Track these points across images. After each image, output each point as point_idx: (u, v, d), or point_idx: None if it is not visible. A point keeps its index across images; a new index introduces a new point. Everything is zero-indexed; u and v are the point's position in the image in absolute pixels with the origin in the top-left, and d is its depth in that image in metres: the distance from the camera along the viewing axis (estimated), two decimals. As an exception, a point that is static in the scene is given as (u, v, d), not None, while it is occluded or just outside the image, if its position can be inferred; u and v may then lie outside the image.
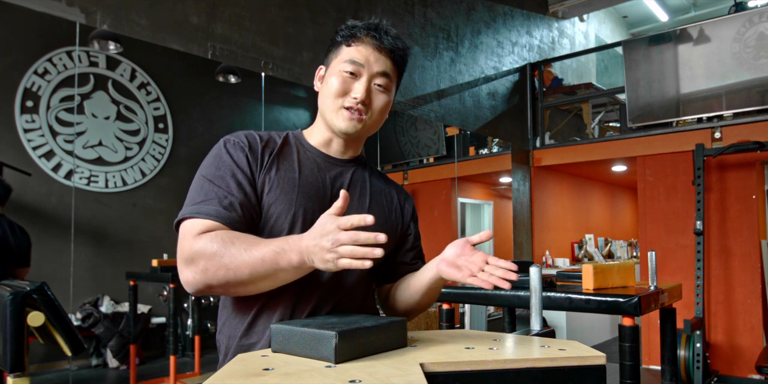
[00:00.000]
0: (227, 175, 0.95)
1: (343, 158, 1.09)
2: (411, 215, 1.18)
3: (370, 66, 1.02)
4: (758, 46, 4.26)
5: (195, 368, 3.21)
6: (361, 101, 1.01)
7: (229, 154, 0.98)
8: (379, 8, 3.77)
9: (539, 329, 1.01)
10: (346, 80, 1.01)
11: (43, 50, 2.62)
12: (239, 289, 0.89)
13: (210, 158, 0.99)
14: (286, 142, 1.06)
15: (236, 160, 0.97)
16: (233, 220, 0.92)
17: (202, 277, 0.88)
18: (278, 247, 0.85)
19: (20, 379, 1.35)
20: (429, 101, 4.18)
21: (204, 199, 0.93)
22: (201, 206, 0.92)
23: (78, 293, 2.63)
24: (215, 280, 0.87)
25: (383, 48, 1.03)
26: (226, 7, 2.81)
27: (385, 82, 1.04)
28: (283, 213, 0.97)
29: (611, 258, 6.80)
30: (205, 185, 0.95)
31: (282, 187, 0.98)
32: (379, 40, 1.02)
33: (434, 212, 4.95)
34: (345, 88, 1.01)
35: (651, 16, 9.01)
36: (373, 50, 1.02)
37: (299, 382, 0.62)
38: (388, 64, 1.04)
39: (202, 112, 3.34)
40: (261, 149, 1.01)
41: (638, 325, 1.87)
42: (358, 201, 1.07)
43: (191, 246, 0.88)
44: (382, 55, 1.03)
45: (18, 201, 2.49)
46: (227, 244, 0.86)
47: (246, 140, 1.01)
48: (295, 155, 1.04)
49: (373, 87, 1.03)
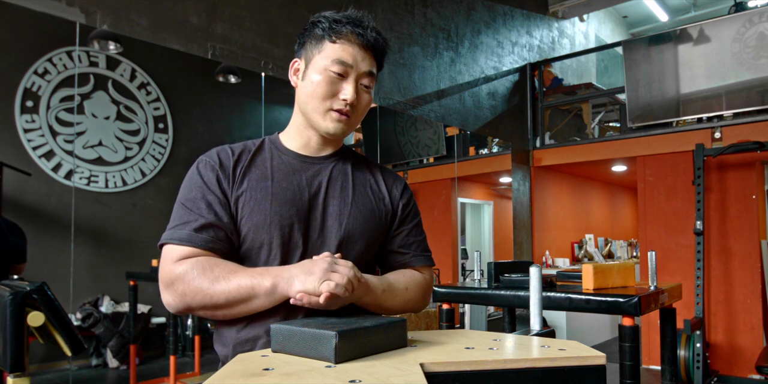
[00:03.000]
0: (198, 197, 0.98)
1: (321, 155, 1.08)
2: (399, 197, 1.12)
3: (358, 66, 1.00)
4: (758, 46, 4.26)
5: (195, 368, 3.21)
6: (350, 104, 1.00)
7: (200, 175, 1.00)
8: (379, 8, 3.77)
9: (539, 329, 1.01)
10: (333, 81, 0.99)
11: (43, 50, 2.62)
12: (217, 312, 0.93)
13: (185, 181, 1.02)
14: (260, 149, 1.06)
15: (206, 181, 0.99)
16: (206, 241, 0.94)
17: (181, 300, 0.92)
18: (256, 274, 0.90)
19: (20, 379, 1.35)
20: (429, 101, 4.18)
21: (178, 224, 0.96)
22: (174, 231, 0.95)
23: (78, 293, 2.63)
24: (194, 303, 0.91)
25: (368, 45, 1.00)
26: (226, 7, 2.81)
27: (370, 82, 1.03)
28: (260, 224, 0.98)
29: (611, 258, 6.80)
30: (179, 210, 0.98)
31: (255, 198, 0.99)
32: (363, 37, 0.99)
33: (434, 212, 4.95)
34: (332, 89, 0.99)
35: (651, 16, 9.01)
36: (359, 49, 0.99)
37: (299, 382, 0.62)
38: (373, 62, 1.02)
39: (202, 112, 3.33)
40: (233, 164, 1.01)
41: (638, 325, 1.87)
42: (340, 196, 1.05)
43: (171, 271, 0.92)
44: (367, 54, 1.01)
45: (18, 201, 2.49)
46: (206, 271, 0.90)
47: (217, 158, 1.02)
48: (268, 162, 1.04)
49: (359, 87, 1.01)
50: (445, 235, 4.90)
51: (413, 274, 1.10)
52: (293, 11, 3.11)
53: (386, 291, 1.01)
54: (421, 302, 1.09)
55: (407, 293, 1.05)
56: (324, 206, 1.03)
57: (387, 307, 1.03)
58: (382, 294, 1.00)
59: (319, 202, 1.03)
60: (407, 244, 1.12)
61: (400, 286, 1.04)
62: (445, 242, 4.91)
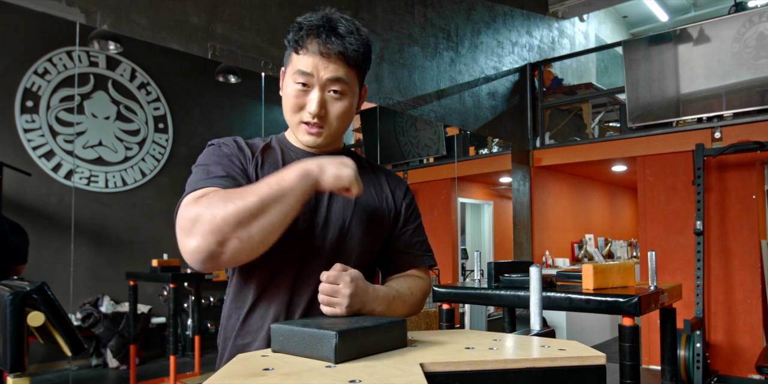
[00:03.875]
0: (222, 160, 0.97)
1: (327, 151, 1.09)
2: (403, 198, 1.13)
3: (319, 74, 0.95)
4: (758, 46, 4.26)
5: (195, 368, 3.21)
6: (315, 115, 0.98)
7: (219, 148, 1.00)
8: (379, 8, 3.77)
9: (539, 329, 1.01)
10: (299, 94, 0.97)
11: (43, 50, 2.62)
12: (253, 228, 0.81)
13: (201, 157, 1.01)
14: (269, 145, 1.07)
15: (227, 153, 0.99)
16: (232, 185, 0.91)
17: (210, 229, 0.79)
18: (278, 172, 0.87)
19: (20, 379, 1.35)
20: (429, 101, 4.18)
21: (199, 179, 0.92)
22: (197, 183, 0.91)
23: (78, 293, 2.63)
24: (225, 225, 0.79)
25: (331, 53, 0.94)
26: (226, 7, 2.81)
27: (341, 88, 0.97)
28: None
29: (611, 258, 6.80)
30: (198, 171, 0.95)
31: None
32: (325, 45, 0.94)
33: (434, 212, 4.95)
34: (299, 102, 0.98)
35: (651, 16, 9.01)
36: (321, 58, 0.94)
37: (299, 382, 0.62)
38: (340, 68, 0.96)
39: (202, 112, 3.34)
40: (251, 151, 1.02)
41: (638, 325, 1.87)
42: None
43: (190, 210, 0.83)
44: (330, 61, 0.95)
45: (18, 201, 2.49)
46: (228, 193, 0.85)
47: (234, 142, 1.03)
48: (279, 156, 1.05)
49: (328, 96, 0.98)
50: (445, 235, 4.90)
51: (414, 278, 1.11)
52: (293, 11, 3.11)
53: (396, 298, 1.01)
54: (422, 304, 1.12)
55: (413, 298, 1.07)
56: (329, 202, 1.03)
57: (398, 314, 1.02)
58: (393, 301, 1.00)
59: (324, 197, 1.03)
60: (412, 243, 1.13)
61: (406, 292, 1.05)
62: (445, 242, 4.91)
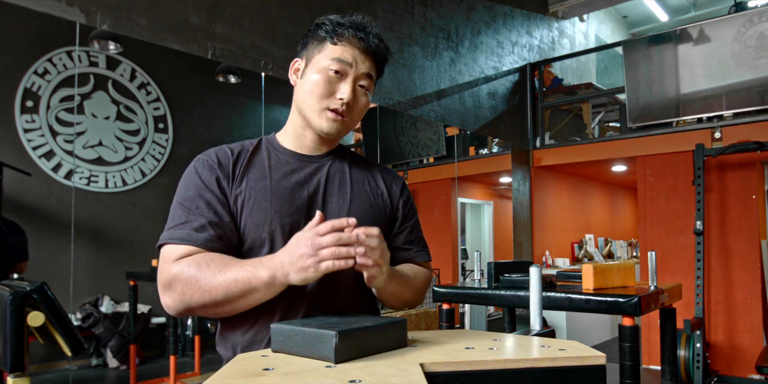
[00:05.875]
0: (196, 196, 0.97)
1: (317, 154, 1.09)
2: (399, 195, 1.15)
3: (357, 66, 1.01)
4: (758, 46, 4.26)
5: (195, 368, 3.21)
6: (346, 103, 1.01)
7: (198, 174, 1.00)
8: (379, 8, 3.77)
9: (539, 329, 1.01)
10: (331, 80, 1.00)
11: (43, 50, 2.62)
12: (217, 309, 0.91)
13: (182, 180, 1.02)
14: (257, 148, 1.06)
15: (204, 180, 0.99)
16: (206, 240, 0.93)
17: (180, 300, 0.90)
18: (251, 266, 0.88)
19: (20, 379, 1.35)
20: (429, 101, 4.18)
21: (176, 224, 0.95)
22: (174, 231, 0.94)
23: (78, 293, 2.63)
24: (193, 302, 0.90)
25: (369, 50, 1.02)
26: (226, 7, 2.81)
27: (368, 84, 1.04)
28: (260, 223, 0.98)
29: (611, 258, 6.80)
30: (177, 209, 0.97)
31: (255, 197, 0.99)
32: (365, 42, 1.02)
33: (434, 212, 4.95)
34: (331, 88, 1.00)
35: (651, 16, 9.01)
36: (360, 52, 1.01)
37: (299, 382, 0.62)
38: (372, 66, 1.04)
39: (202, 112, 3.33)
40: (232, 164, 1.01)
41: (638, 325, 1.87)
42: (339, 193, 1.06)
43: (169, 271, 0.91)
44: (367, 57, 1.03)
45: (18, 201, 2.49)
46: (202, 267, 0.89)
47: (216, 157, 1.02)
48: (266, 161, 1.04)
49: (357, 88, 1.03)
50: (445, 235, 4.90)
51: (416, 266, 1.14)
52: (293, 11, 3.11)
53: (401, 278, 1.04)
54: (424, 292, 1.14)
55: (417, 282, 1.09)
56: (323, 203, 1.04)
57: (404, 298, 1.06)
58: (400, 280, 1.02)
59: (318, 199, 1.03)
60: (410, 240, 1.15)
61: (410, 274, 1.08)
62: (445, 242, 4.91)
